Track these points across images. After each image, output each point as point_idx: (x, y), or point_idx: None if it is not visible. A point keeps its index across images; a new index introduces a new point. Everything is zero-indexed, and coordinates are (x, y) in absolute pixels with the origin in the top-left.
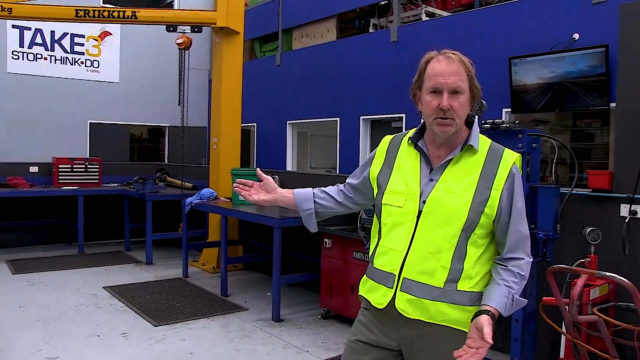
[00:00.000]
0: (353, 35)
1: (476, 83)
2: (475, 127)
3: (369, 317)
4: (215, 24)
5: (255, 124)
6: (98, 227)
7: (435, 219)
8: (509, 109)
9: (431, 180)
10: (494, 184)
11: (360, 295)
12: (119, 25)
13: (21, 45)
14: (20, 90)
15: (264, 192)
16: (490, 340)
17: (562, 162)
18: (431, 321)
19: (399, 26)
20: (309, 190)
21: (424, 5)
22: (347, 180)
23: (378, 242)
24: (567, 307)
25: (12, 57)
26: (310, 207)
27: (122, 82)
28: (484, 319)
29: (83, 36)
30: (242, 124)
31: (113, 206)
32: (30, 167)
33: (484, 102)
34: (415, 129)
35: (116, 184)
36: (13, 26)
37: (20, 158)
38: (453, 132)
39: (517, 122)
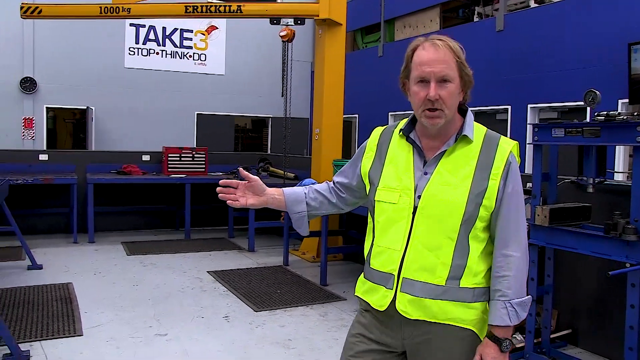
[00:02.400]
0: (457, 24)
1: (467, 70)
2: (469, 116)
3: (369, 319)
4: (317, 15)
5: (357, 115)
6: (203, 214)
7: (432, 214)
8: (626, 100)
9: (425, 173)
10: (492, 174)
11: (357, 296)
12: (225, 19)
13: (137, 41)
14: (134, 84)
15: (251, 194)
16: None
17: None
18: (434, 320)
19: (505, 14)
20: (299, 190)
21: None
22: (336, 179)
23: (373, 241)
24: None
25: (129, 53)
26: (303, 210)
27: (228, 74)
28: (479, 349)
29: (191, 31)
30: (344, 115)
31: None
32: (143, 156)
33: (597, 92)
34: (406, 120)
35: (221, 173)
36: (130, 24)
37: (135, 147)
38: (442, 124)
39: (635, 113)
